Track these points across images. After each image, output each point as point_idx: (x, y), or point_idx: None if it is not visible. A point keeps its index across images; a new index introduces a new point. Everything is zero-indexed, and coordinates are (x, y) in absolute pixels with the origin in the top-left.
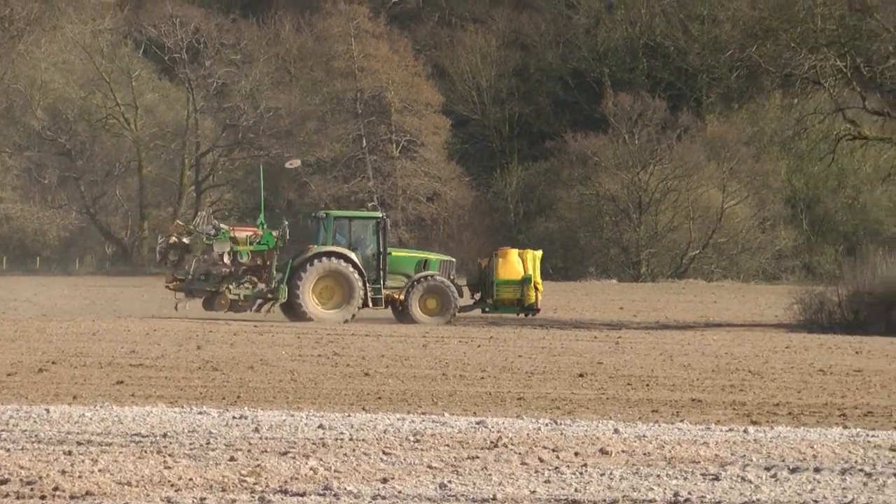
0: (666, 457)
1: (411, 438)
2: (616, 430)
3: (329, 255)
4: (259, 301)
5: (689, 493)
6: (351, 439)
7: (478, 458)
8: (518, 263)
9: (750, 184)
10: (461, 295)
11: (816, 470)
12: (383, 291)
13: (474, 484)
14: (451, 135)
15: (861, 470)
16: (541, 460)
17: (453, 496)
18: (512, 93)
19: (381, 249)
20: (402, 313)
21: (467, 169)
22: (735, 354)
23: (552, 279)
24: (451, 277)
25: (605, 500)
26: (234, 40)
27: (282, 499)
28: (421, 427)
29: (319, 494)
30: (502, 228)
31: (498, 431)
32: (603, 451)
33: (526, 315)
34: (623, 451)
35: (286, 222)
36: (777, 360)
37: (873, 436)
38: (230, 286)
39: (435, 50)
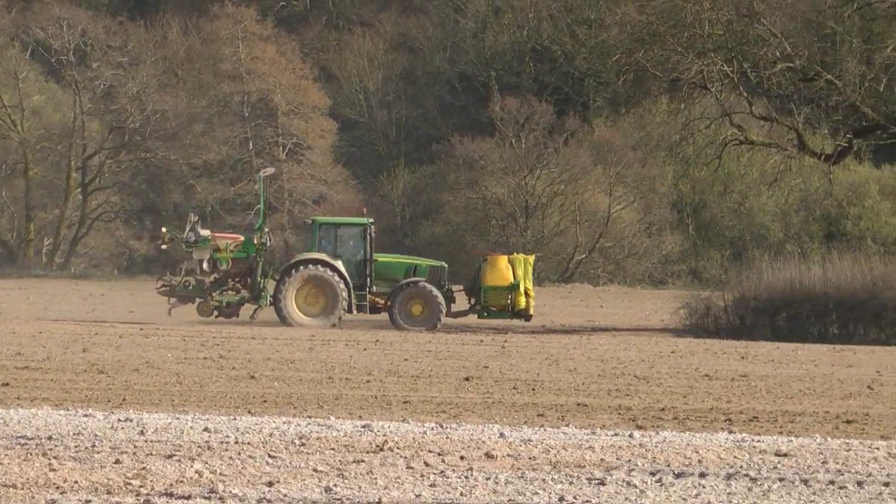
0: (551, 461)
1: (297, 442)
2: (502, 435)
3: (312, 262)
4: (256, 308)
5: (575, 498)
6: (236, 442)
7: (363, 461)
8: (506, 269)
9: (636, 188)
10: (454, 301)
11: (702, 475)
12: (368, 297)
13: (360, 488)
14: (337, 138)
15: (746, 475)
16: (426, 464)
17: (339, 500)
18: (399, 96)
19: (367, 255)
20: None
21: (354, 172)
22: (621, 359)
23: None
24: (443, 283)
25: None
26: (122, 42)
27: (167, 502)
28: (307, 430)
29: (205, 497)
30: (388, 232)
31: (384, 435)
32: (489, 456)
33: (526, 321)
34: (509, 456)
35: (267, 229)
36: (663, 365)
37: (758, 441)
38: (213, 293)
39: (322, 53)
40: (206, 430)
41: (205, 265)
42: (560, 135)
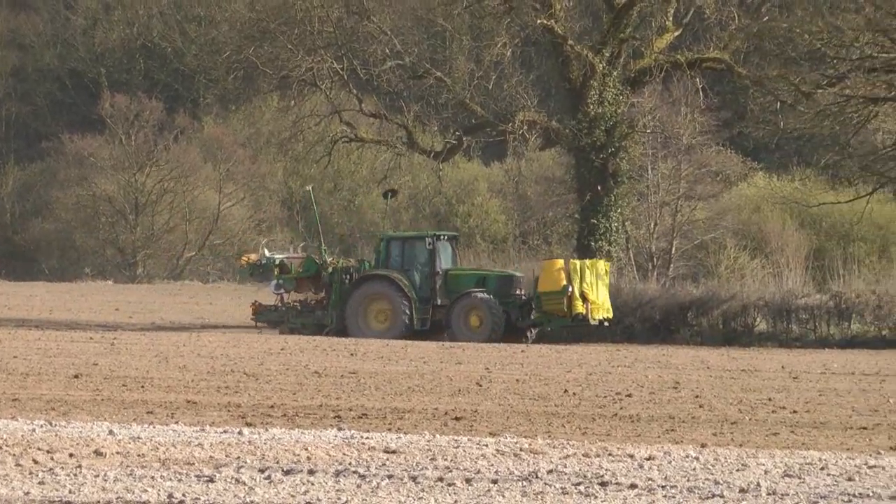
0: (160, 458)
1: None
2: (111, 432)
3: (374, 278)
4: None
5: (184, 495)
6: None
7: None
8: (559, 273)
9: (247, 185)
10: (529, 311)
11: (311, 472)
12: (431, 312)
13: None
14: None
15: (355, 472)
16: (35, 462)
17: None
18: (9, 93)
19: (433, 269)
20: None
21: None
22: (231, 356)
23: (49, 280)
24: (515, 293)
25: (99, 502)
26: None
27: None
28: None
29: None
30: None
31: None
32: (98, 453)
33: (602, 324)
34: (118, 453)
35: (325, 248)
36: (273, 362)
37: (367, 437)
38: (289, 316)
39: None
40: None
41: (272, 288)
42: (170, 132)
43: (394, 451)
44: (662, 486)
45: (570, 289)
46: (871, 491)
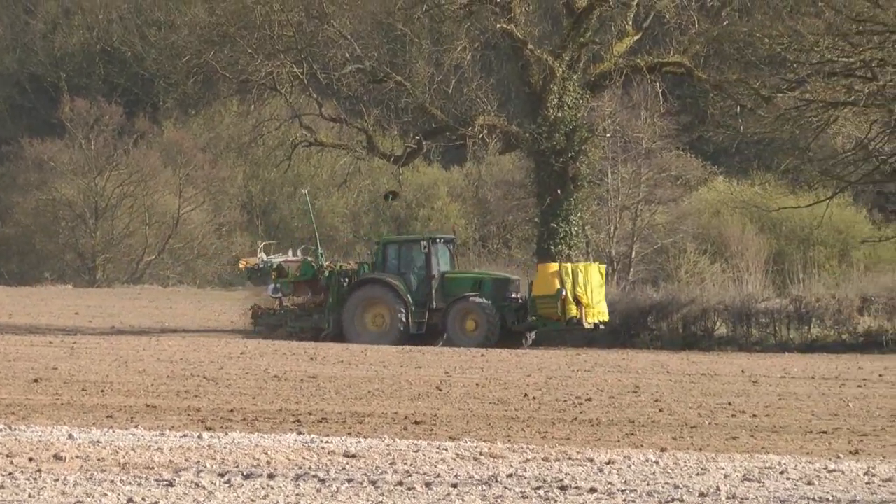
0: (120, 462)
1: None
2: (70, 436)
3: (371, 282)
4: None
5: (143, 499)
6: None
7: None
8: (552, 277)
9: (206, 190)
10: (525, 314)
11: (270, 476)
12: (427, 316)
13: None
14: None
15: (315, 476)
16: None
17: None
18: None
19: (429, 273)
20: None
21: None
22: (190, 360)
23: (8, 284)
24: (511, 296)
25: None
26: None
27: None
28: None
29: None
30: None
31: None
32: (57, 457)
33: (596, 327)
34: (77, 457)
35: (322, 251)
36: (232, 366)
37: (327, 442)
38: (289, 320)
39: None
40: None
41: (270, 292)
42: (130, 136)
43: (353, 456)
44: (622, 491)
45: (564, 292)
46: (831, 495)
